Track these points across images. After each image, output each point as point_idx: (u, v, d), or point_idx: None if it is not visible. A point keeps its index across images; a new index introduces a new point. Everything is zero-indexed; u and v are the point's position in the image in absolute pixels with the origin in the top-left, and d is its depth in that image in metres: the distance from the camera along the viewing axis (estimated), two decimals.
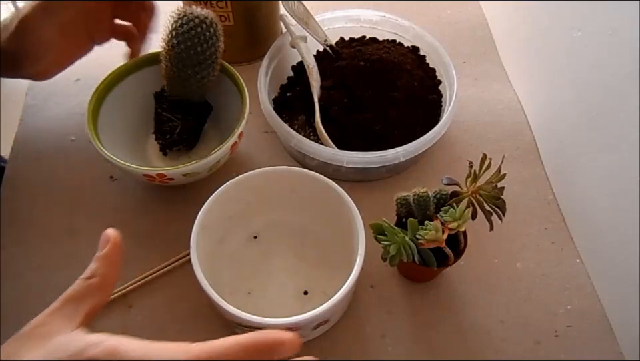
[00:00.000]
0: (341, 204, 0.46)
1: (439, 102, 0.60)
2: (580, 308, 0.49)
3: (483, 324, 0.48)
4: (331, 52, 0.61)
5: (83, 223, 0.54)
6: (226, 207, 0.47)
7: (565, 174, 0.55)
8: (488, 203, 0.43)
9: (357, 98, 0.56)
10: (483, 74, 0.67)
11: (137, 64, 0.55)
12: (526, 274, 0.51)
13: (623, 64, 0.44)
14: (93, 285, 0.33)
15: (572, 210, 0.54)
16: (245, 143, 0.59)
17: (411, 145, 0.51)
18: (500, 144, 0.60)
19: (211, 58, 0.50)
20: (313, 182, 0.48)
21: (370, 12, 0.64)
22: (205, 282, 0.41)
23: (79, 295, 0.32)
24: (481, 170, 0.43)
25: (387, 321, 0.48)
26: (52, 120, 0.52)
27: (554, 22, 0.56)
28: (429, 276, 0.50)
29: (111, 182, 0.56)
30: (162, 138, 0.54)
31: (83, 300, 0.32)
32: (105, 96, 0.54)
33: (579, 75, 0.51)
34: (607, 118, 0.47)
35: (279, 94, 0.63)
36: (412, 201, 0.44)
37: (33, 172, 0.57)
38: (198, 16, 0.48)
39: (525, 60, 0.64)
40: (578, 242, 0.52)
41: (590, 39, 0.49)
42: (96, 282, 0.33)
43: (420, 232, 0.42)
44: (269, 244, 0.52)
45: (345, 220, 0.46)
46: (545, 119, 0.59)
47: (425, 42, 0.62)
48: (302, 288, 0.49)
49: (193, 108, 0.54)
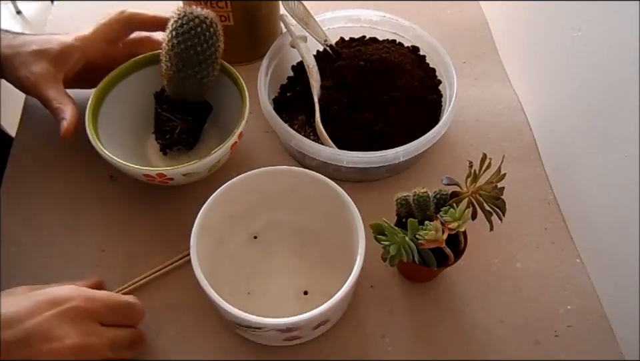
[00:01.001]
0: (341, 204, 0.46)
1: (439, 102, 0.60)
2: (580, 308, 0.49)
3: (483, 324, 0.48)
4: (330, 52, 0.61)
5: (83, 223, 0.54)
6: (226, 207, 0.47)
7: (564, 174, 0.55)
8: (488, 203, 0.43)
9: (356, 98, 0.56)
10: (482, 74, 0.67)
11: (137, 64, 0.55)
12: (526, 274, 0.51)
13: (623, 64, 0.44)
14: None
15: (572, 210, 0.54)
16: (244, 143, 0.59)
17: (411, 145, 0.51)
18: (500, 144, 0.60)
19: (211, 58, 0.50)
20: (312, 182, 0.48)
21: (370, 12, 0.64)
22: (205, 282, 0.41)
23: None
24: (480, 170, 0.43)
25: (387, 321, 0.48)
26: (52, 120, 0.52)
27: (554, 22, 0.56)
28: (429, 276, 0.50)
29: (111, 182, 0.56)
30: (162, 138, 0.54)
31: None
32: (105, 96, 0.54)
33: (579, 75, 0.51)
34: (607, 118, 0.47)
35: (279, 94, 0.63)
36: (412, 201, 0.44)
37: (33, 172, 0.57)
38: (198, 16, 0.48)
39: (525, 60, 0.64)
40: (578, 242, 0.52)
41: (590, 39, 0.49)
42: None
43: (420, 232, 0.42)
44: (269, 244, 0.51)
45: (345, 220, 0.46)
46: (545, 119, 0.59)
47: (425, 42, 0.62)
48: (302, 288, 0.49)
49: (193, 108, 0.54)
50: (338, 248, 0.49)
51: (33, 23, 1.96)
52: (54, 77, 0.52)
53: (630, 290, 0.44)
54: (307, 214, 0.51)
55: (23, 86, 0.53)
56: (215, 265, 0.46)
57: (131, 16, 0.55)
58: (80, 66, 0.54)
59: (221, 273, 0.47)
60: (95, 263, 0.51)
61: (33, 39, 0.54)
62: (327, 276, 0.48)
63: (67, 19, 0.73)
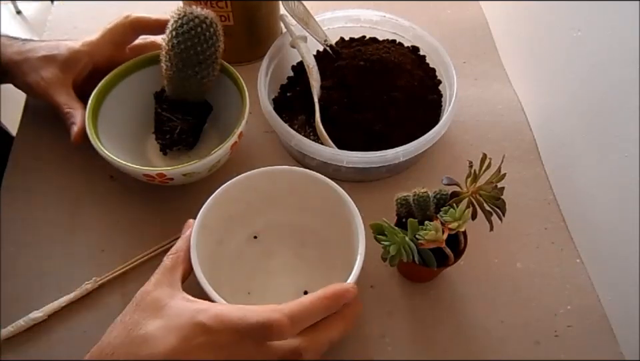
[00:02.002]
0: (341, 204, 0.46)
1: (439, 102, 0.60)
2: (580, 308, 0.49)
3: (483, 324, 0.48)
4: (330, 52, 0.61)
5: (83, 223, 0.54)
6: (226, 207, 0.47)
7: (564, 174, 0.55)
8: (488, 203, 0.43)
9: (356, 98, 0.56)
10: (482, 74, 0.67)
11: (137, 64, 0.56)
12: (526, 274, 0.51)
13: (623, 64, 0.44)
14: (181, 257, 0.42)
15: (572, 210, 0.54)
16: (244, 143, 0.59)
17: (411, 145, 0.51)
18: (500, 144, 0.60)
19: (211, 58, 0.50)
20: (313, 182, 0.48)
21: (370, 12, 0.64)
22: (205, 282, 0.41)
23: (172, 266, 0.41)
24: (480, 170, 0.43)
25: (387, 321, 0.48)
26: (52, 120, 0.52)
27: (554, 22, 0.56)
28: (429, 276, 0.50)
29: (111, 182, 0.56)
30: (162, 138, 0.54)
31: (176, 270, 0.41)
32: (105, 96, 0.54)
33: (579, 75, 0.51)
34: (607, 118, 0.47)
35: (279, 94, 0.63)
36: (412, 201, 0.44)
37: (33, 172, 0.57)
38: (198, 16, 0.48)
39: (524, 60, 0.64)
40: (578, 242, 0.52)
41: (590, 39, 0.49)
42: (182, 255, 0.42)
43: (420, 232, 0.42)
44: (269, 244, 0.51)
45: (345, 220, 0.46)
46: (545, 119, 0.59)
47: (425, 42, 0.62)
48: (302, 288, 0.49)
49: (193, 108, 0.54)
50: (338, 248, 0.49)
51: (33, 23, 1.96)
52: (63, 82, 0.53)
53: (630, 290, 0.44)
54: (307, 214, 0.51)
55: (34, 91, 0.54)
56: (215, 265, 0.46)
57: (135, 20, 0.56)
58: (87, 71, 0.55)
59: (221, 273, 0.47)
60: (95, 263, 0.51)
61: (42, 45, 0.55)
62: (327, 276, 0.48)
63: (66, 19, 0.73)
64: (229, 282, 0.48)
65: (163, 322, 0.36)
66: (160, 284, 0.40)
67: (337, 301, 0.39)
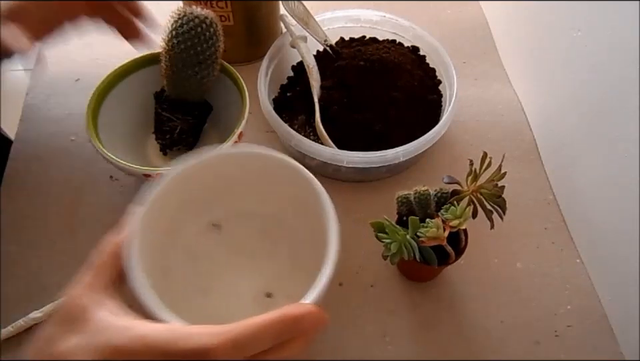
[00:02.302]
0: (312, 194, 0.39)
1: (439, 102, 0.60)
2: (580, 308, 0.49)
3: (483, 324, 0.48)
4: (330, 52, 0.61)
5: (83, 223, 0.54)
6: (180, 190, 0.41)
7: (564, 174, 0.55)
8: (488, 201, 0.43)
9: (356, 98, 0.56)
10: (482, 74, 0.67)
11: (137, 64, 0.55)
12: (526, 274, 0.51)
13: (623, 64, 0.44)
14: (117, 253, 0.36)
15: (572, 210, 0.54)
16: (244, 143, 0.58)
17: (411, 145, 0.51)
18: (500, 144, 0.60)
19: (211, 58, 0.50)
20: (281, 168, 0.41)
21: (370, 12, 0.64)
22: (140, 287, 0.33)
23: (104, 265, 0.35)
24: (481, 169, 0.43)
25: (388, 320, 0.48)
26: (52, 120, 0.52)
27: (554, 22, 0.56)
28: (429, 275, 0.50)
29: (111, 182, 0.56)
30: (162, 138, 0.54)
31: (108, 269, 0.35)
32: (105, 96, 0.54)
33: (579, 75, 0.51)
34: (607, 118, 0.47)
35: (279, 94, 0.63)
36: (413, 199, 0.44)
37: (33, 172, 0.57)
38: (198, 16, 0.48)
39: (524, 60, 0.64)
40: (578, 242, 0.52)
41: (590, 39, 0.49)
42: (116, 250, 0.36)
43: (421, 230, 0.42)
44: (231, 238, 0.45)
45: (319, 216, 0.39)
46: (545, 119, 0.59)
47: (425, 42, 0.62)
48: (265, 290, 0.43)
49: (193, 108, 0.54)
50: (311, 247, 0.40)
51: None
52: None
53: (630, 290, 0.44)
54: (277, 204, 0.44)
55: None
56: (164, 259, 0.40)
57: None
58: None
59: (171, 269, 0.41)
60: None
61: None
62: (294, 278, 0.41)
63: None
64: (182, 280, 0.42)
65: (82, 339, 0.30)
66: (92, 287, 0.33)
67: (293, 326, 0.31)
